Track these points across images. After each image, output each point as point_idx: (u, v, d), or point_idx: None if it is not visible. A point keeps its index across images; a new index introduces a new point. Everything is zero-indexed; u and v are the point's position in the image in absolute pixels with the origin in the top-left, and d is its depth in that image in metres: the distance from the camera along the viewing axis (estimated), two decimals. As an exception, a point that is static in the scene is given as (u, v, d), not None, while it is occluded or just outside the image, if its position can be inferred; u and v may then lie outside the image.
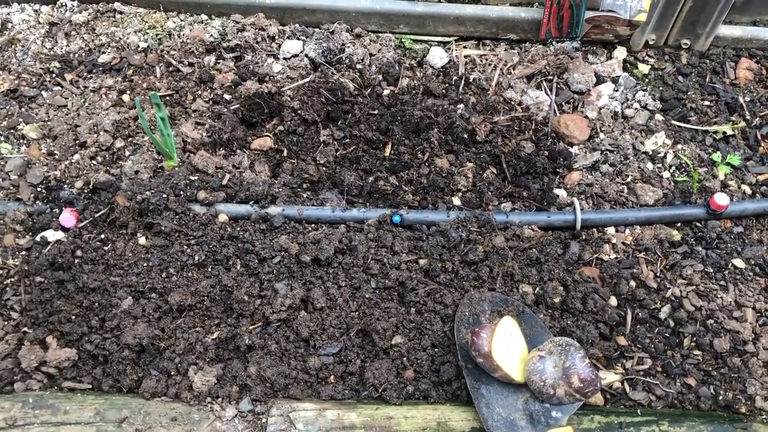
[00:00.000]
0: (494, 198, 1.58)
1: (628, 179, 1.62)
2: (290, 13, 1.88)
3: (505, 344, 1.24)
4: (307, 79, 1.75)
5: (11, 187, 1.55)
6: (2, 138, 1.64)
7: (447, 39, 1.89)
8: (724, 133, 1.69)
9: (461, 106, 1.73)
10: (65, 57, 1.80)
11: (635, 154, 1.66)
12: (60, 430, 1.23)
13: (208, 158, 1.59)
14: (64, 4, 1.90)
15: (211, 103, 1.72)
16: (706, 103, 1.76)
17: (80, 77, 1.77)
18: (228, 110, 1.69)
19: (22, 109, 1.70)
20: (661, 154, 1.66)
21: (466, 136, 1.65)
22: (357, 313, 1.39)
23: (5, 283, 1.42)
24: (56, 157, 1.61)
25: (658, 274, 1.48)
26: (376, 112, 1.69)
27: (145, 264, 1.43)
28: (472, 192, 1.60)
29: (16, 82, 1.74)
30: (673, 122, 1.72)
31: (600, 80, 1.79)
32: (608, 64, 1.80)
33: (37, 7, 1.91)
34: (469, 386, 1.25)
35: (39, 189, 1.55)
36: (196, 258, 1.43)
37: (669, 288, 1.45)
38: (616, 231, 1.54)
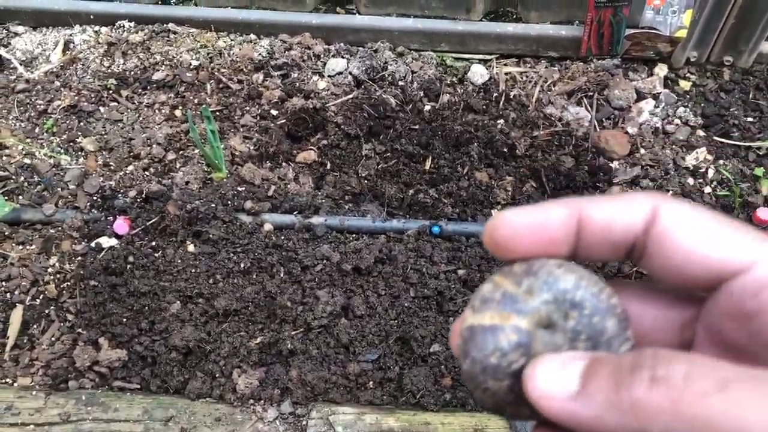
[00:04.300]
0: (533, 211, 1.59)
1: (669, 194, 1.62)
2: (335, 32, 1.95)
3: None
4: (350, 96, 1.81)
5: (69, 196, 1.63)
6: (62, 150, 1.73)
7: (488, 57, 1.93)
8: (768, 149, 1.68)
9: (501, 121, 1.75)
10: (122, 75, 1.89)
11: (676, 170, 1.66)
12: (110, 426, 1.29)
13: (255, 170, 1.65)
14: (122, 25, 2.01)
15: (258, 118, 1.79)
16: (749, 119, 1.74)
17: (135, 93, 1.86)
18: (274, 125, 1.75)
19: (81, 124, 1.79)
20: (702, 170, 1.66)
21: (505, 150, 1.68)
22: (396, 321, 1.41)
23: (62, 286, 1.50)
24: (111, 168, 1.69)
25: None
26: (417, 127, 1.73)
27: (193, 270, 1.48)
28: (512, 205, 1.62)
29: (76, 98, 1.84)
30: (715, 138, 1.71)
31: (641, 97, 1.80)
32: (649, 80, 1.81)
33: (97, 28, 2.02)
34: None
35: (95, 198, 1.62)
36: (242, 265, 1.48)
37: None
38: (656, 245, 1.54)
